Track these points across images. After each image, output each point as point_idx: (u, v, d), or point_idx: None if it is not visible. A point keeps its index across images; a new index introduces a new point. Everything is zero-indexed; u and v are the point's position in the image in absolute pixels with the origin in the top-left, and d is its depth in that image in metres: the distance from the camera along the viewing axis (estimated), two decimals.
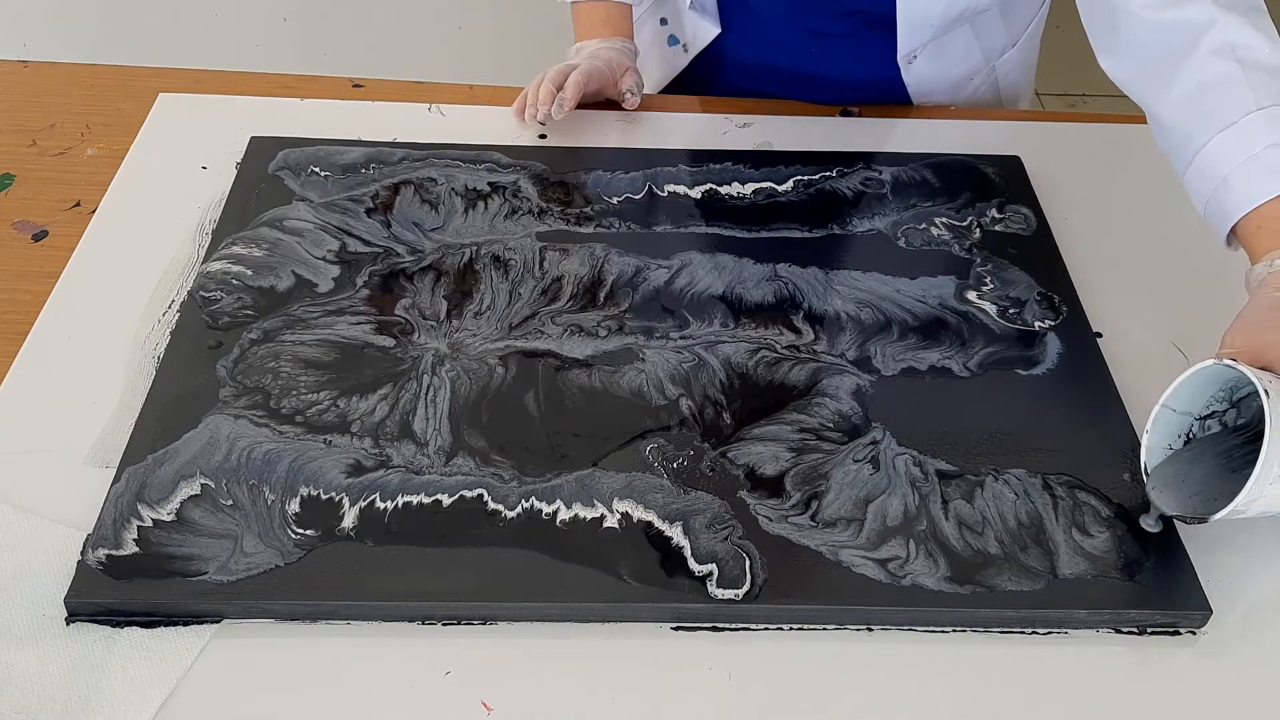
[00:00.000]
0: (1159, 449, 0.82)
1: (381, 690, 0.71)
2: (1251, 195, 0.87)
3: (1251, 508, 0.76)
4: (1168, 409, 0.81)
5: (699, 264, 0.98)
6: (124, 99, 1.16)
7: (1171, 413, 0.82)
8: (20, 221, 1.02)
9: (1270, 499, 0.76)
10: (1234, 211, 0.88)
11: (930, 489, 0.81)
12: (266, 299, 0.93)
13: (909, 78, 1.22)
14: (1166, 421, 0.82)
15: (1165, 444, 0.82)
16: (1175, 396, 0.81)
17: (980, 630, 0.75)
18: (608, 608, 0.75)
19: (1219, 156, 0.89)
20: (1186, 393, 0.81)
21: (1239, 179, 0.88)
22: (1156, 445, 0.81)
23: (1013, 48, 1.26)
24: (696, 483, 0.81)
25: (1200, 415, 0.83)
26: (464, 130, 1.13)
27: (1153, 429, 0.81)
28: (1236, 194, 0.88)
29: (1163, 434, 0.82)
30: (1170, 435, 0.82)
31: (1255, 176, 0.87)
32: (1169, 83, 0.93)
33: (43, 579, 0.75)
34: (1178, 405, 0.82)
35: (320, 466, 0.80)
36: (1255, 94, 0.89)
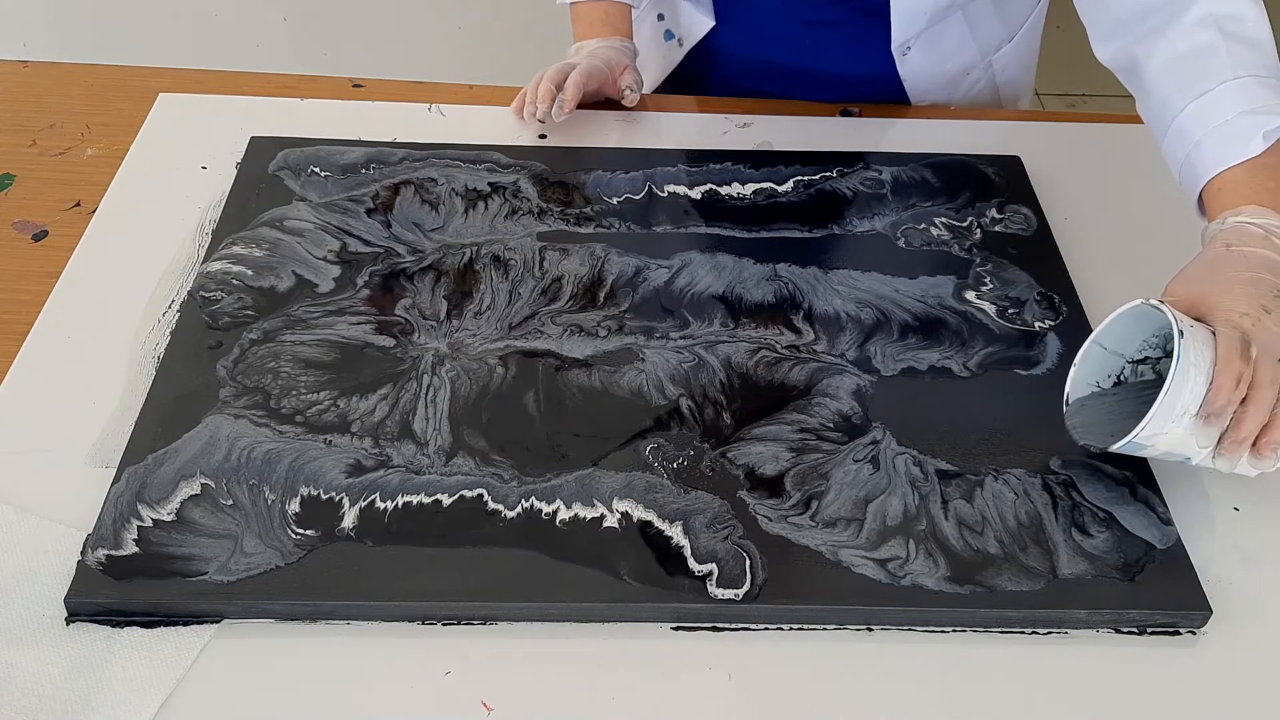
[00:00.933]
0: (1084, 383, 0.84)
1: (381, 690, 0.71)
2: (1219, 159, 0.89)
3: (1156, 444, 0.78)
4: (1097, 345, 0.84)
5: (699, 264, 0.99)
6: (124, 99, 1.16)
7: (1102, 350, 0.84)
8: (20, 221, 1.02)
9: (1175, 439, 0.77)
10: (1202, 175, 0.90)
11: (930, 489, 0.81)
12: (267, 299, 0.93)
13: (904, 71, 1.22)
14: (1097, 358, 0.84)
15: (1094, 380, 0.84)
16: (1105, 334, 0.83)
17: (980, 630, 0.76)
18: (608, 608, 0.75)
19: (1193, 122, 0.91)
20: (1117, 332, 0.83)
21: (1209, 144, 0.90)
22: (1082, 379, 0.84)
23: (1009, 43, 1.26)
24: (696, 483, 0.81)
25: (1133, 359, 0.85)
26: (464, 130, 1.13)
27: (1080, 362, 0.84)
28: (1205, 158, 0.90)
29: (1091, 370, 0.84)
30: (1100, 374, 0.84)
31: (1224, 142, 0.89)
32: (1152, 52, 0.95)
33: (43, 579, 0.75)
34: (1108, 343, 0.84)
35: (320, 466, 0.80)
36: (1233, 64, 0.91)
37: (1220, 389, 0.76)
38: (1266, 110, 0.89)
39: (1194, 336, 0.77)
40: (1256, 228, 0.85)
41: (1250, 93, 0.90)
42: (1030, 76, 1.33)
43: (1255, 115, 0.89)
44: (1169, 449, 0.79)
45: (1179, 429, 0.77)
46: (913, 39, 1.19)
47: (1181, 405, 0.76)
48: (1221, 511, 0.83)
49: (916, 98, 1.25)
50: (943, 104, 1.26)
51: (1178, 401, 0.76)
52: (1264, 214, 0.86)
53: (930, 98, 1.25)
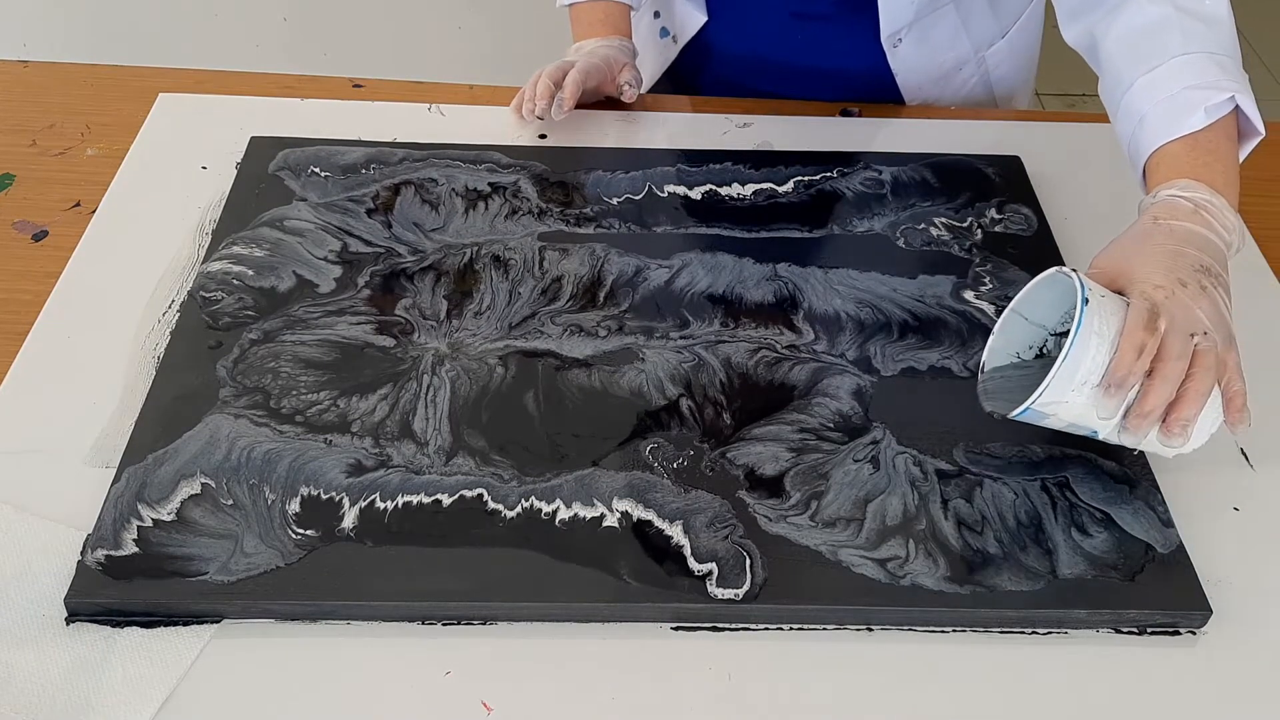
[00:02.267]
0: (1004, 353, 0.83)
1: (381, 690, 0.71)
2: (1160, 134, 0.89)
3: (1058, 414, 0.77)
4: (1017, 315, 0.82)
5: (699, 264, 0.99)
6: (124, 99, 1.16)
7: (1024, 321, 0.83)
8: (20, 221, 1.02)
9: (1076, 410, 0.76)
10: (1145, 150, 0.91)
11: (930, 489, 0.81)
12: (267, 299, 0.93)
13: (896, 65, 1.22)
14: (1018, 329, 0.83)
15: (1014, 351, 0.83)
16: (1024, 303, 0.82)
17: (980, 630, 0.76)
18: (608, 608, 0.75)
19: (1140, 97, 0.92)
20: (1040, 303, 0.82)
21: (1152, 118, 0.90)
22: (1001, 348, 0.83)
23: (1002, 39, 1.26)
24: (696, 483, 0.81)
25: (1055, 331, 0.84)
26: (464, 130, 1.13)
27: (999, 331, 0.83)
28: (1149, 132, 0.90)
29: (1011, 340, 0.83)
30: (1021, 345, 0.83)
31: (1166, 116, 0.89)
32: (1109, 29, 0.96)
33: (43, 579, 0.75)
34: (1029, 314, 0.82)
35: (320, 466, 0.80)
36: (1185, 40, 0.91)
37: (1121, 359, 0.74)
38: (1212, 85, 0.89)
39: (1102, 306, 0.76)
40: (1186, 201, 0.85)
41: (1199, 68, 0.90)
42: (1028, 76, 1.33)
43: (1200, 90, 0.89)
44: (1073, 420, 0.77)
45: (1080, 399, 0.75)
46: (903, 31, 1.19)
47: (1082, 374, 0.74)
48: (1221, 511, 0.83)
49: (909, 93, 1.25)
50: (935, 100, 1.26)
51: (1078, 370, 0.74)
52: (1196, 188, 0.86)
53: (923, 93, 1.25)
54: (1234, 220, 0.86)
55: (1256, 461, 0.87)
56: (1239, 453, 0.87)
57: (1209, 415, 0.78)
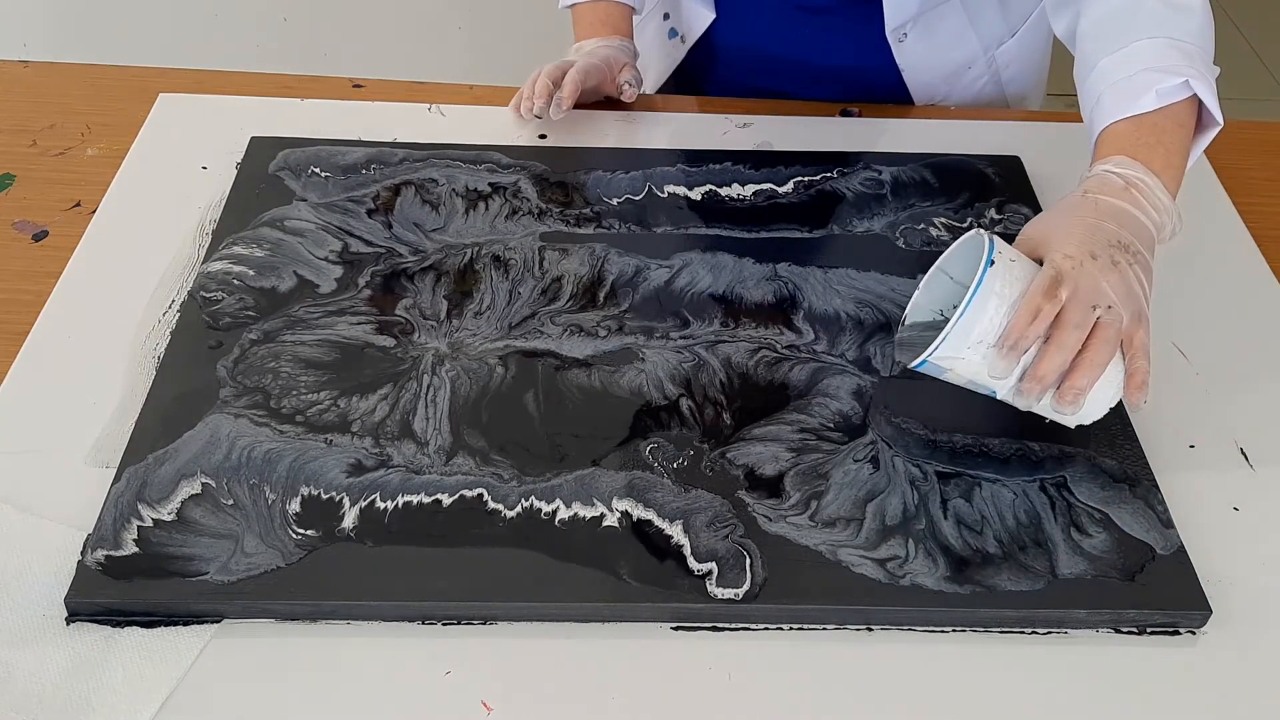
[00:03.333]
0: (926, 309, 0.84)
1: (382, 690, 0.71)
2: (1111, 113, 0.90)
3: (955, 369, 0.78)
4: (942, 272, 0.84)
5: (699, 264, 0.99)
6: (124, 99, 1.16)
7: (948, 279, 0.84)
8: (20, 221, 1.02)
9: (972, 368, 0.78)
10: (1096, 128, 0.92)
11: (929, 488, 0.81)
12: (268, 299, 0.93)
13: (903, 61, 1.22)
14: (942, 286, 0.84)
15: (938, 309, 0.84)
16: (949, 262, 0.83)
17: (980, 630, 0.76)
18: (608, 608, 0.75)
19: (1099, 77, 0.93)
20: (964, 262, 0.82)
21: (1107, 98, 0.91)
22: (925, 304, 0.84)
23: (1011, 38, 1.26)
24: (696, 483, 0.81)
25: None
26: (464, 130, 1.13)
27: (923, 287, 0.84)
28: (1102, 112, 0.91)
29: (934, 297, 0.84)
30: (945, 302, 0.84)
31: (1119, 97, 0.90)
32: (1086, 14, 0.98)
33: (43, 579, 0.75)
34: (954, 273, 0.83)
35: (321, 466, 0.80)
36: (1153, 24, 0.92)
37: (1016, 321, 0.76)
38: (1168, 70, 0.89)
39: (1009, 269, 0.78)
40: (1118, 178, 0.86)
41: (1159, 52, 0.90)
42: (1039, 76, 1.32)
43: (1154, 73, 0.89)
44: (970, 377, 0.79)
45: (975, 357, 0.77)
46: (908, 24, 1.19)
47: (978, 333, 0.76)
48: (1221, 511, 0.83)
49: (917, 91, 1.24)
50: (944, 99, 1.26)
51: (974, 328, 0.76)
52: (1130, 165, 0.87)
53: (931, 91, 1.25)
54: (1166, 202, 0.86)
55: (1256, 461, 0.87)
56: (1239, 453, 0.87)
57: (1107, 388, 0.79)
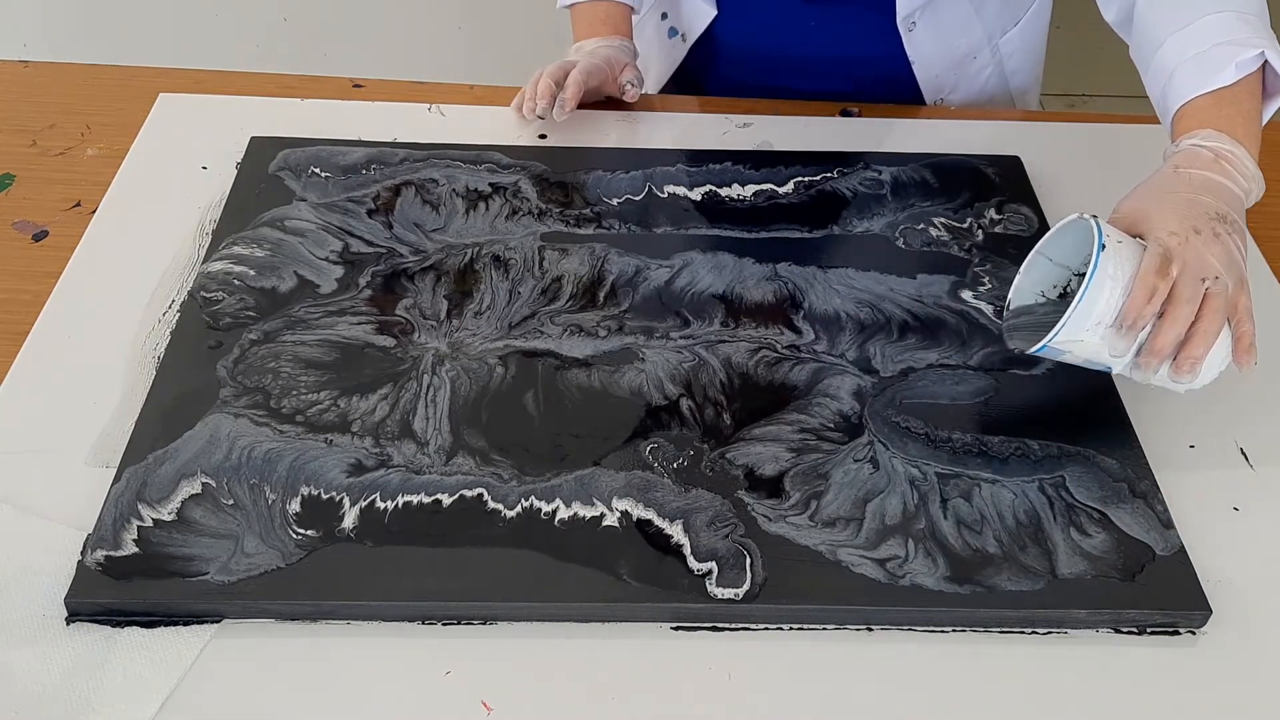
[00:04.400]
0: (1029, 291, 0.87)
1: (382, 690, 0.71)
2: (1190, 89, 0.92)
3: (1074, 351, 0.81)
4: (1043, 256, 0.87)
5: (699, 264, 0.99)
6: (124, 99, 1.16)
7: (1048, 261, 0.87)
8: (20, 221, 1.02)
9: (1091, 348, 0.81)
10: (1173, 105, 0.93)
11: (929, 488, 0.81)
12: (268, 299, 0.93)
13: (912, 51, 1.22)
14: (1043, 269, 0.87)
15: (1039, 290, 0.88)
16: (1049, 245, 0.86)
17: (980, 630, 0.76)
18: (607, 608, 0.75)
19: (1171, 54, 0.94)
20: (1064, 245, 0.86)
21: (1182, 74, 0.93)
22: (1026, 287, 0.87)
23: (1015, 27, 1.26)
24: (696, 483, 0.81)
25: (1078, 271, 0.87)
26: (464, 130, 1.13)
27: (1024, 271, 0.87)
28: (1178, 88, 0.93)
29: (1036, 280, 0.87)
30: (1045, 283, 0.87)
31: (1196, 72, 0.92)
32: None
33: (43, 579, 0.75)
34: (1055, 255, 0.87)
35: (321, 466, 0.80)
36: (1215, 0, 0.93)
37: (1133, 301, 0.78)
38: (1242, 43, 0.90)
39: (1118, 251, 0.80)
40: (1207, 151, 0.88)
41: (1228, 26, 0.92)
42: (1038, 70, 1.33)
43: (1230, 46, 0.90)
44: (1088, 356, 0.82)
45: (1094, 338, 0.79)
46: (917, 13, 1.19)
47: (1097, 315, 0.79)
48: (1221, 511, 0.83)
49: (926, 82, 1.24)
50: (952, 90, 1.26)
51: (1092, 310, 0.79)
52: (1217, 137, 0.88)
53: (939, 83, 1.25)
54: (1253, 169, 0.89)
55: (1256, 461, 0.87)
56: (1239, 453, 0.87)
57: (1218, 354, 0.81)
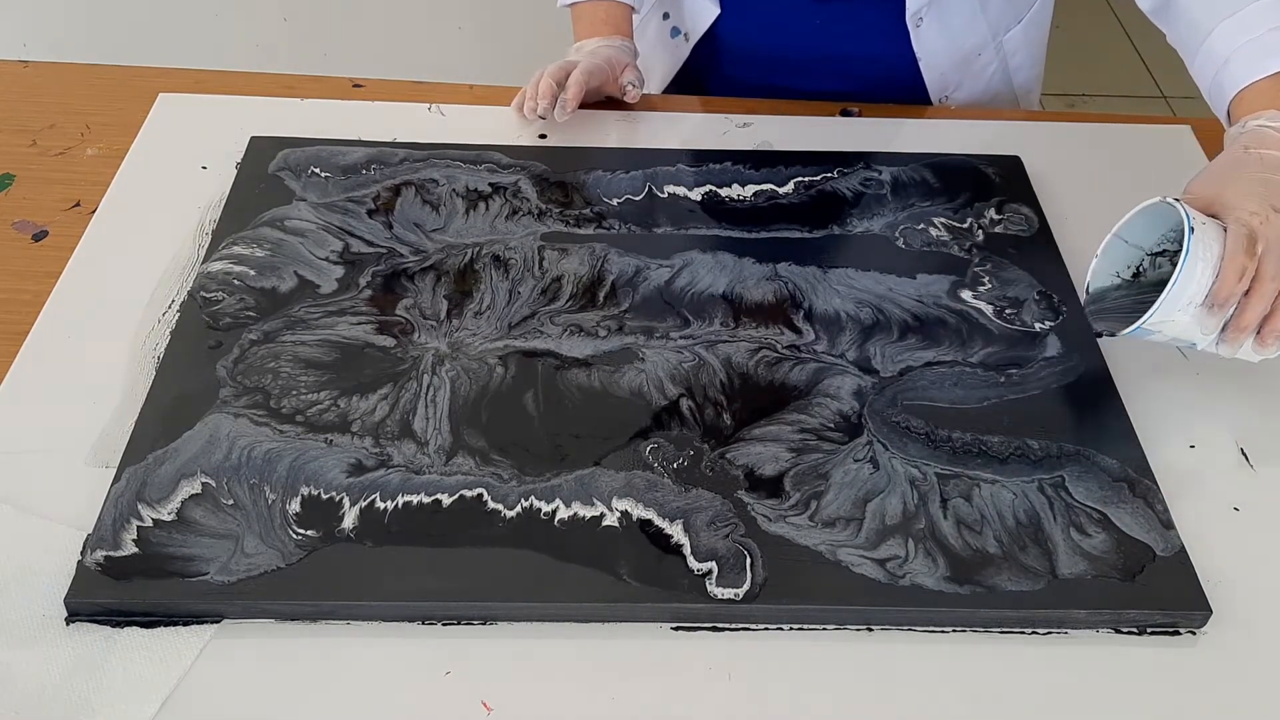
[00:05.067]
0: (1105, 273, 0.90)
1: (382, 690, 0.71)
2: (1246, 74, 0.94)
3: (1164, 330, 0.84)
4: (1119, 238, 0.89)
5: (699, 263, 0.98)
6: (124, 99, 1.16)
7: (1124, 244, 0.89)
8: (20, 221, 1.02)
9: (1181, 327, 0.84)
10: (1230, 90, 0.96)
11: (929, 488, 0.81)
12: (269, 299, 0.93)
13: (920, 48, 1.22)
14: (1118, 251, 0.89)
15: (1113, 271, 0.90)
16: (1126, 228, 0.88)
17: (980, 630, 0.76)
18: (607, 608, 0.75)
19: (1222, 41, 0.96)
20: (1139, 227, 0.88)
21: (1237, 60, 0.95)
22: (1104, 270, 0.90)
23: (1018, 25, 1.26)
24: (696, 483, 0.81)
25: (1152, 251, 0.90)
26: (464, 130, 1.13)
27: (1103, 254, 0.89)
28: (1233, 74, 0.95)
29: (1112, 261, 0.90)
30: (1120, 264, 0.90)
31: (1251, 58, 0.94)
32: None
33: (43, 579, 0.75)
34: (1130, 237, 0.89)
35: (321, 466, 0.80)
36: None
37: (1225, 282, 0.81)
38: None
39: (1204, 233, 0.82)
40: (1274, 131, 0.90)
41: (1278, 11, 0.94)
42: (1039, 68, 1.33)
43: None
44: (1176, 335, 0.85)
45: (1185, 317, 0.83)
46: (924, 8, 1.19)
47: (1189, 296, 0.82)
48: (1221, 511, 0.83)
49: (932, 80, 1.24)
50: (956, 89, 1.26)
51: (1185, 292, 0.81)
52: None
53: (945, 81, 1.25)
54: None
55: (1256, 461, 0.87)
56: (1239, 453, 0.87)
57: None
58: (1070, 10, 1.11)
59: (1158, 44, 1.07)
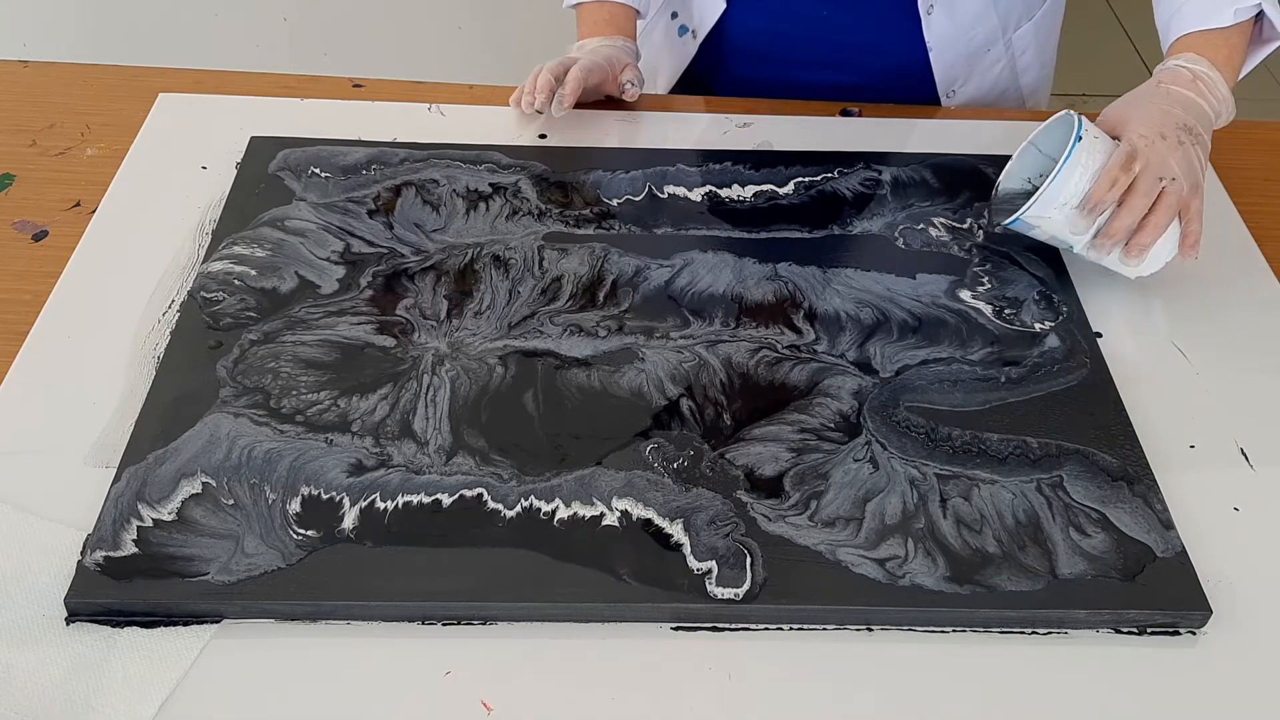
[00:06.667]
0: (1018, 177, 1.00)
1: (381, 690, 0.71)
2: (1189, 24, 1.02)
3: (1042, 226, 0.94)
4: (1032, 146, 0.99)
5: (699, 263, 0.98)
6: (124, 99, 1.16)
7: (1037, 152, 0.99)
8: (20, 221, 1.02)
9: (1056, 225, 0.93)
10: (1173, 34, 1.04)
11: (928, 488, 0.81)
12: (269, 300, 0.93)
13: (930, 38, 1.22)
14: (1030, 158, 0.99)
15: (1025, 177, 1.00)
16: (1040, 137, 0.98)
17: (980, 630, 0.76)
18: (607, 608, 0.75)
19: None
20: (1052, 138, 0.97)
21: (1186, 10, 1.03)
22: (1016, 173, 1.00)
23: (1029, 22, 1.26)
24: (696, 483, 0.81)
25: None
26: (464, 130, 1.13)
27: (1016, 159, 1.00)
28: (1181, 21, 1.03)
29: (1024, 167, 1.00)
30: (1032, 171, 1.00)
31: (1198, 11, 1.02)
32: None
33: (43, 579, 0.75)
34: (1043, 146, 0.99)
35: (321, 466, 0.80)
36: None
37: (1097, 188, 0.91)
38: None
39: (1093, 145, 0.92)
40: (1187, 71, 1.00)
41: None
42: (1049, 69, 1.33)
43: None
44: (1053, 233, 0.95)
45: (1059, 216, 0.92)
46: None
47: (1064, 196, 0.91)
48: (1221, 511, 0.83)
49: (940, 70, 1.24)
50: (964, 84, 1.26)
51: (1061, 191, 0.91)
52: (1199, 61, 1.00)
53: (953, 74, 1.25)
54: (1225, 94, 1.01)
55: (1256, 461, 0.87)
56: (1239, 453, 0.87)
57: (1165, 246, 0.94)
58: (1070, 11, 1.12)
59: (1158, 45, 1.07)
